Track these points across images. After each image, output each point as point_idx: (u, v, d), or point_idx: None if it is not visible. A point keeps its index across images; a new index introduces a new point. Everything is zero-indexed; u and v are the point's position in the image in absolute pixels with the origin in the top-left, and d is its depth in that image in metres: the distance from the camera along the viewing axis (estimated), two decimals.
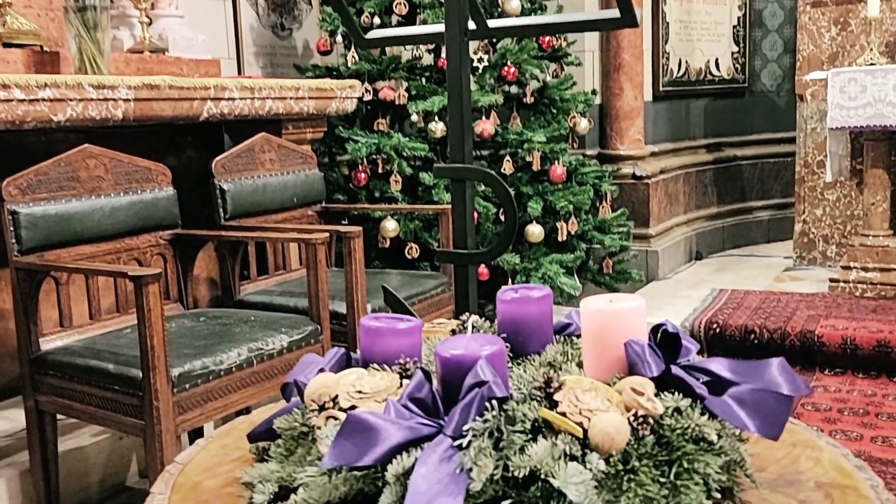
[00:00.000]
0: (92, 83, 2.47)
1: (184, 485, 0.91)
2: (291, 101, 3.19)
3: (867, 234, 3.99)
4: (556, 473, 0.68)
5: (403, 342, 0.93)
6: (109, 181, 2.48)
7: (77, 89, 2.43)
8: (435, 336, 1.04)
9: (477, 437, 0.70)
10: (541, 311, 0.99)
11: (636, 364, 0.84)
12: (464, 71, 1.35)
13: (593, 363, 0.89)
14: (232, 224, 2.80)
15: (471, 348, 0.78)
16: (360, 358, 0.98)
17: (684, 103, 4.96)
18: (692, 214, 4.94)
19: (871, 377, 3.35)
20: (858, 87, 3.81)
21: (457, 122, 1.37)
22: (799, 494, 0.82)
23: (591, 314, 0.89)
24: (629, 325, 0.87)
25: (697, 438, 0.76)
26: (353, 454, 0.71)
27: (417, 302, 2.88)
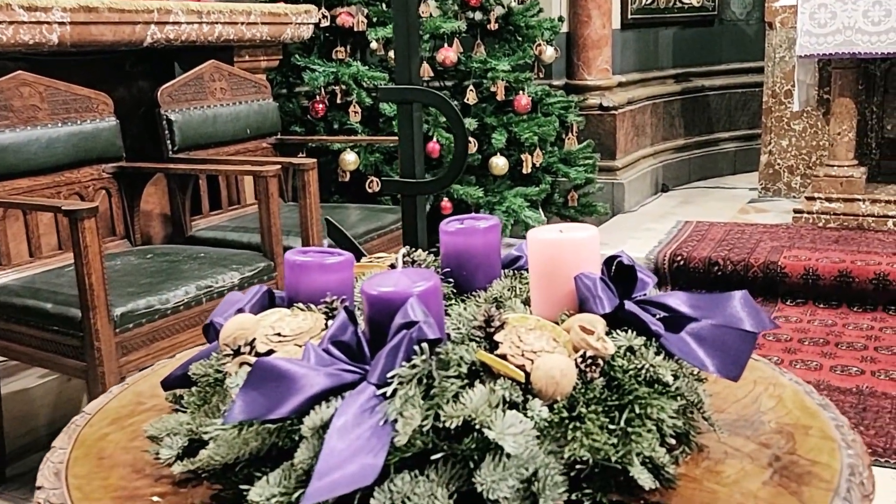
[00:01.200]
0: (22, 4, 2.30)
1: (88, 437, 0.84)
2: (243, 26, 3.03)
3: (832, 165, 3.96)
4: (491, 424, 0.61)
5: (332, 278, 0.85)
6: (46, 110, 2.34)
7: (6, 11, 2.26)
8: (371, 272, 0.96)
9: (404, 385, 0.62)
10: (487, 242, 0.91)
11: (587, 300, 0.77)
12: None
13: (541, 299, 0.81)
14: (180, 157, 2.67)
15: (401, 285, 0.70)
16: (286, 296, 0.90)
17: (653, 32, 4.84)
18: (659, 146, 4.87)
19: (832, 307, 3.35)
20: (828, 14, 3.71)
21: (402, 37, 1.26)
22: (760, 437, 0.77)
23: (540, 245, 0.81)
24: (581, 257, 0.80)
25: (652, 380, 0.70)
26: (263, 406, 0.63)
27: (376, 237, 2.79)
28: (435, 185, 1.26)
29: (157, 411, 0.89)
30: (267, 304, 0.91)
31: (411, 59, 1.24)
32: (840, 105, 3.89)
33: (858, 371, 2.79)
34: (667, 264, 3.60)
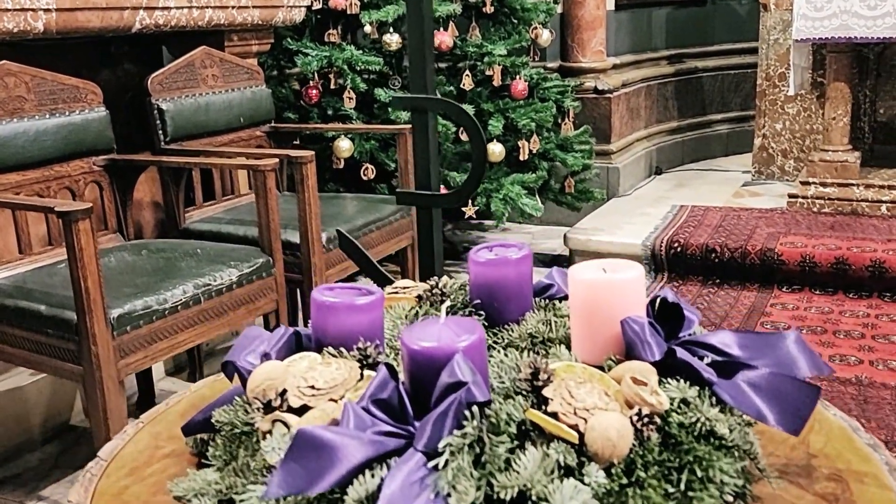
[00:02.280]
0: None
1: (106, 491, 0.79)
2: (234, 10, 2.94)
3: (826, 149, 3.94)
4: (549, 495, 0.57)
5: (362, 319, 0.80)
6: (32, 101, 2.26)
7: None
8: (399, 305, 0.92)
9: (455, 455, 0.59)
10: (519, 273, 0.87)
11: (635, 345, 0.74)
12: None
13: (584, 343, 0.78)
14: (173, 148, 2.60)
15: (445, 339, 0.66)
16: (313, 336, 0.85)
17: (646, 12, 4.77)
18: (653, 129, 4.84)
19: (828, 294, 3.35)
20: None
21: (417, 43, 1.21)
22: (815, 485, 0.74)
23: (583, 285, 0.77)
24: (626, 297, 0.76)
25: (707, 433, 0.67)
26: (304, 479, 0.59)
27: (375, 229, 2.75)
28: (452, 198, 1.22)
29: (177, 457, 0.84)
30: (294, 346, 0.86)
31: (426, 68, 1.19)
32: (835, 90, 3.87)
33: (857, 361, 2.79)
34: (664, 251, 3.58)
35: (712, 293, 3.43)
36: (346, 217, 2.72)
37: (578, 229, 3.84)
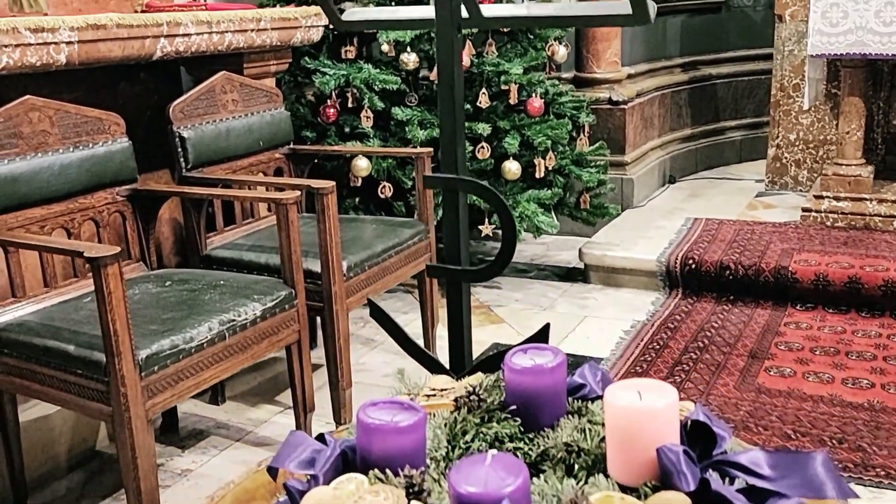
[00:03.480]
0: (29, 26, 2.23)
1: None
2: (253, 33, 2.96)
3: (840, 163, 3.94)
4: None
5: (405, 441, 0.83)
6: (56, 135, 2.28)
7: (12, 34, 2.19)
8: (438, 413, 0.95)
9: None
10: (554, 381, 0.90)
11: (671, 475, 0.76)
12: (456, 67, 1.20)
13: (620, 464, 0.81)
14: (195, 176, 2.63)
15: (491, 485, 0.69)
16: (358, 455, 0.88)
17: (661, 21, 4.76)
18: (666, 137, 4.84)
19: (842, 312, 3.37)
20: (840, 13, 3.67)
21: (448, 124, 1.23)
22: None
23: (619, 411, 0.80)
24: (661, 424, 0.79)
25: None
26: None
27: (395, 254, 2.77)
28: (482, 273, 1.24)
29: None
30: (341, 467, 0.89)
31: (458, 149, 1.21)
32: (849, 104, 3.87)
33: (869, 384, 2.82)
34: (678, 268, 3.60)
35: (726, 310, 3.45)
36: (365, 242, 2.74)
37: (594, 244, 3.86)
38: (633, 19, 1.13)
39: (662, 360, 3.02)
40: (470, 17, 1.23)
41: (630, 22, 1.13)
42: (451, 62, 1.19)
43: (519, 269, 3.96)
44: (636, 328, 3.31)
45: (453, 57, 1.19)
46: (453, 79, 1.20)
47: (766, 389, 2.79)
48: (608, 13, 1.10)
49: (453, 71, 1.19)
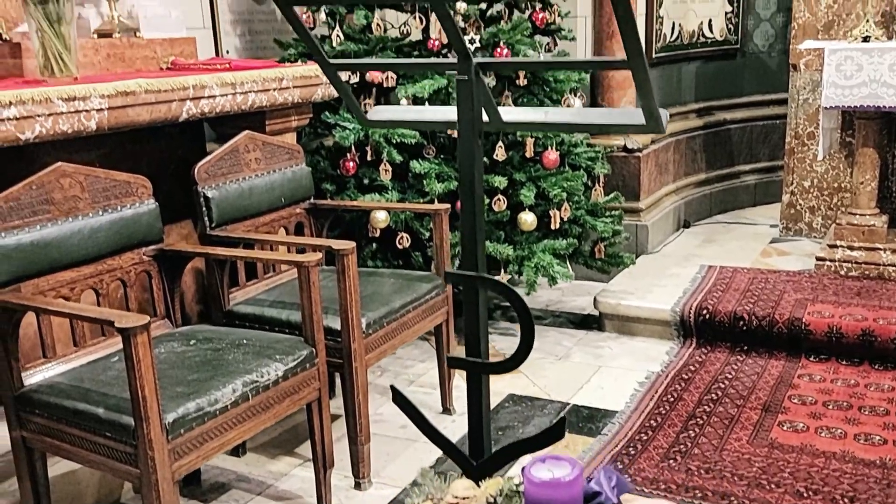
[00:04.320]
0: (62, 96, 2.32)
1: None
2: (275, 92, 3.05)
3: (854, 213, 3.97)
4: None
5: None
6: (86, 200, 2.36)
7: (45, 104, 2.28)
8: None
9: None
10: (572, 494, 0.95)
11: None
12: (477, 169, 1.26)
13: None
14: (219, 235, 2.70)
15: None
16: None
17: (676, 68, 4.83)
18: (681, 182, 4.89)
19: (855, 364, 3.39)
20: (854, 66, 3.72)
21: (469, 223, 1.29)
22: None
23: None
24: None
25: None
26: None
27: (413, 309, 2.83)
28: (501, 367, 1.29)
29: None
30: None
31: (478, 247, 1.26)
32: (864, 155, 3.90)
33: (881, 440, 2.83)
34: (692, 317, 3.63)
35: (740, 361, 3.47)
36: (383, 297, 2.80)
37: (608, 292, 3.90)
38: (646, 128, 1.18)
39: (676, 414, 3.04)
40: (490, 121, 1.29)
41: (643, 130, 1.18)
42: (471, 165, 1.25)
43: (534, 316, 3.99)
44: (650, 379, 3.33)
45: (474, 160, 1.24)
46: (474, 181, 1.26)
47: (780, 445, 2.81)
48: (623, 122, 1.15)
49: (474, 173, 1.25)
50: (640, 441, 2.85)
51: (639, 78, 1.10)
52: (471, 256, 1.28)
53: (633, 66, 1.08)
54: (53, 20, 2.54)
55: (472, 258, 1.27)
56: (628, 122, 1.17)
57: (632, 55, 1.07)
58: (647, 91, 1.11)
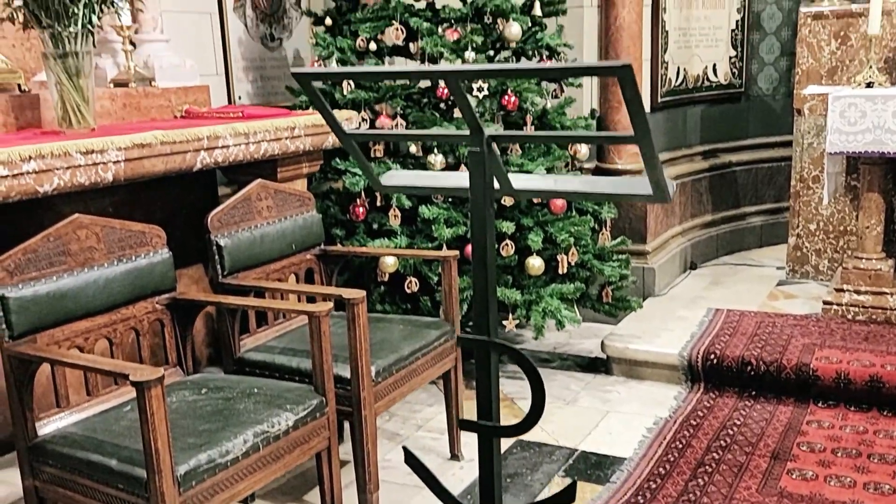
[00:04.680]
0: (80, 149, 2.38)
1: None
2: (287, 140, 3.11)
3: (860, 257, 3.99)
4: None
5: None
6: (102, 251, 2.40)
7: (64, 157, 2.34)
8: None
9: None
10: None
11: None
12: (489, 237, 1.29)
13: None
14: (230, 283, 2.73)
15: None
16: None
17: (681, 111, 4.89)
18: (687, 224, 4.92)
19: (863, 410, 3.38)
20: (858, 113, 3.76)
21: (481, 287, 1.32)
22: None
23: None
24: None
25: None
26: None
27: (421, 356, 2.84)
28: (513, 430, 1.31)
29: None
30: None
31: (490, 315, 1.29)
32: (869, 199, 3.93)
33: (891, 490, 2.82)
34: (700, 362, 3.64)
35: (748, 406, 3.47)
36: (392, 345, 2.82)
37: (616, 336, 3.91)
38: (653, 198, 1.21)
39: (685, 461, 3.04)
40: (501, 188, 1.33)
41: (650, 200, 1.21)
42: (483, 230, 1.28)
43: (542, 359, 4.01)
44: (659, 425, 3.33)
45: (486, 225, 1.28)
46: (486, 246, 1.29)
47: (789, 494, 2.80)
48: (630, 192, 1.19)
49: (486, 240, 1.28)
50: (649, 489, 2.85)
51: (646, 153, 1.13)
52: (482, 321, 1.30)
53: (640, 142, 1.11)
54: (73, 74, 2.60)
55: (484, 322, 1.30)
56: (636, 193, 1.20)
57: (639, 131, 1.10)
58: (654, 165, 1.14)
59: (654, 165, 1.14)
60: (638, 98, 1.05)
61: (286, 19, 4.24)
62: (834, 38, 4.38)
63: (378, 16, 3.51)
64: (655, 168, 1.14)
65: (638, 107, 1.06)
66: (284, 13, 4.21)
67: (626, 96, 1.04)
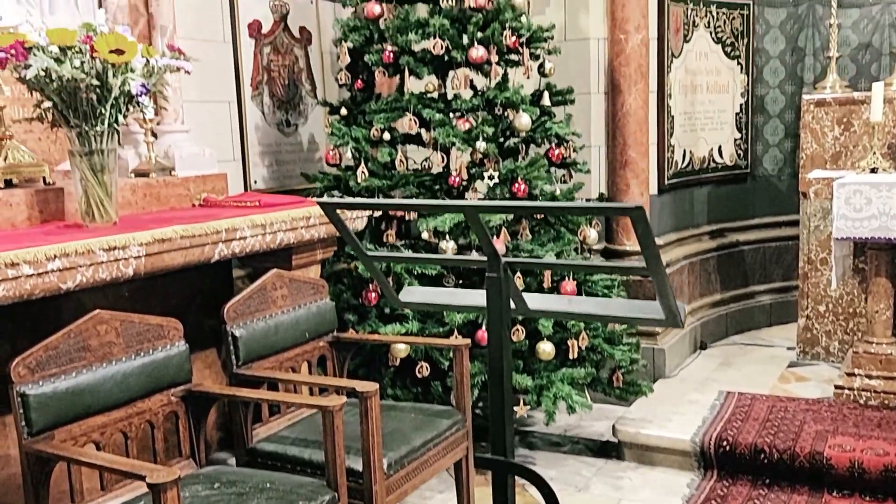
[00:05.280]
0: (103, 246, 2.43)
1: None
2: (302, 230, 3.17)
3: (870, 341, 3.99)
4: None
5: None
6: (121, 345, 2.44)
7: (87, 255, 2.39)
8: None
9: None
10: None
11: None
12: (506, 359, 1.32)
13: None
14: (244, 373, 2.76)
15: None
16: None
17: (688, 192, 4.96)
18: (696, 303, 4.94)
19: (879, 500, 3.35)
20: (864, 199, 3.82)
21: (498, 406, 1.34)
22: None
23: None
24: None
25: None
26: None
27: (433, 447, 2.84)
28: None
29: None
30: None
31: (507, 433, 1.31)
32: (877, 284, 3.96)
33: None
34: (712, 449, 3.62)
35: (762, 496, 3.44)
36: (404, 435, 2.82)
37: (627, 420, 3.90)
38: (665, 322, 1.25)
39: None
40: (517, 308, 1.37)
41: (663, 324, 1.25)
42: (500, 348, 1.32)
43: (552, 443, 3.99)
44: None
45: (502, 344, 1.31)
46: (503, 362, 1.32)
47: None
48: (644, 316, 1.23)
49: (502, 355, 1.32)
50: None
51: (658, 282, 1.17)
52: (500, 440, 1.33)
53: (653, 273, 1.15)
54: (97, 170, 2.68)
55: (501, 442, 1.33)
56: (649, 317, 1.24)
57: (651, 265, 1.15)
58: (666, 294, 1.18)
59: (667, 294, 1.18)
60: (649, 236, 1.10)
61: (302, 105, 4.36)
62: (837, 125, 4.48)
63: (392, 107, 3.61)
64: (668, 297, 1.18)
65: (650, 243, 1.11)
66: (300, 100, 4.34)
67: (638, 234, 1.08)
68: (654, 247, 1.15)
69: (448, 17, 3.55)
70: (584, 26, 4.41)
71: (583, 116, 4.34)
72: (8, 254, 2.18)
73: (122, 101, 2.65)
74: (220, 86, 3.89)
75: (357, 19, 3.79)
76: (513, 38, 3.63)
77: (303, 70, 4.34)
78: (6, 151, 2.88)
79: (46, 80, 2.52)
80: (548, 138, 3.78)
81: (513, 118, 3.63)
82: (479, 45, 3.53)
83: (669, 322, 1.23)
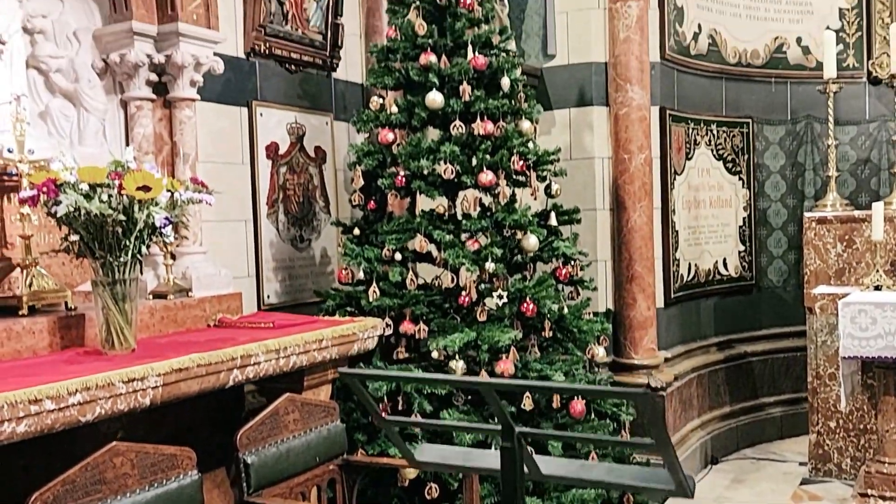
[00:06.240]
0: (122, 378, 2.48)
1: None
2: (315, 352, 3.22)
3: (882, 461, 3.97)
4: None
5: None
6: (135, 476, 2.45)
7: (107, 388, 2.44)
8: None
9: None
10: None
11: None
12: None
13: None
14: (255, 501, 2.77)
15: None
16: None
17: (694, 304, 5.02)
18: (706, 416, 4.93)
19: None
20: (869, 319, 3.86)
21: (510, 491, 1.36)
22: None
23: None
24: None
25: None
26: None
27: None
28: None
29: None
30: None
31: None
32: (886, 403, 3.96)
33: None
34: None
35: None
36: None
37: None
38: (675, 492, 1.28)
39: None
40: (529, 472, 1.41)
41: (672, 494, 1.29)
42: None
43: None
44: None
45: None
46: None
47: None
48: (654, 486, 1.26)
49: None
50: None
51: (667, 460, 1.22)
52: None
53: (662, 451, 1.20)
54: (119, 299, 2.75)
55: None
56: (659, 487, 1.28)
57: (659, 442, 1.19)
58: (675, 469, 1.22)
59: (676, 470, 1.22)
60: (657, 417, 1.15)
61: (315, 221, 4.48)
62: (839, 242, 4.56)
63: (404, 228, 3.71)
64: (677, 472, 1.23)
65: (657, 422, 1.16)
66: (314, 216, 4.46)
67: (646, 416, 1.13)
68: (662, 426, 1.20)
69: (458, 144, 3.69)
70: (588, 146, 4.56)
71: (589, 232, 4.44)
72: (31, 390, 2.23)
73: (146, 233, 2.74)
74: (238, 205, 4.01)
75: (371, 144, 3.94)
76: (520, 162, 3.76)
77: (317, 187, 4.48)
78: (31, 278, 2.96)
79: (75, 216, 2.63)
80: (555, 257, 3.87)
81: (521, 238, 3.72)
82: (489, 170, 3.66)
83: (678, 493, 1.27)
